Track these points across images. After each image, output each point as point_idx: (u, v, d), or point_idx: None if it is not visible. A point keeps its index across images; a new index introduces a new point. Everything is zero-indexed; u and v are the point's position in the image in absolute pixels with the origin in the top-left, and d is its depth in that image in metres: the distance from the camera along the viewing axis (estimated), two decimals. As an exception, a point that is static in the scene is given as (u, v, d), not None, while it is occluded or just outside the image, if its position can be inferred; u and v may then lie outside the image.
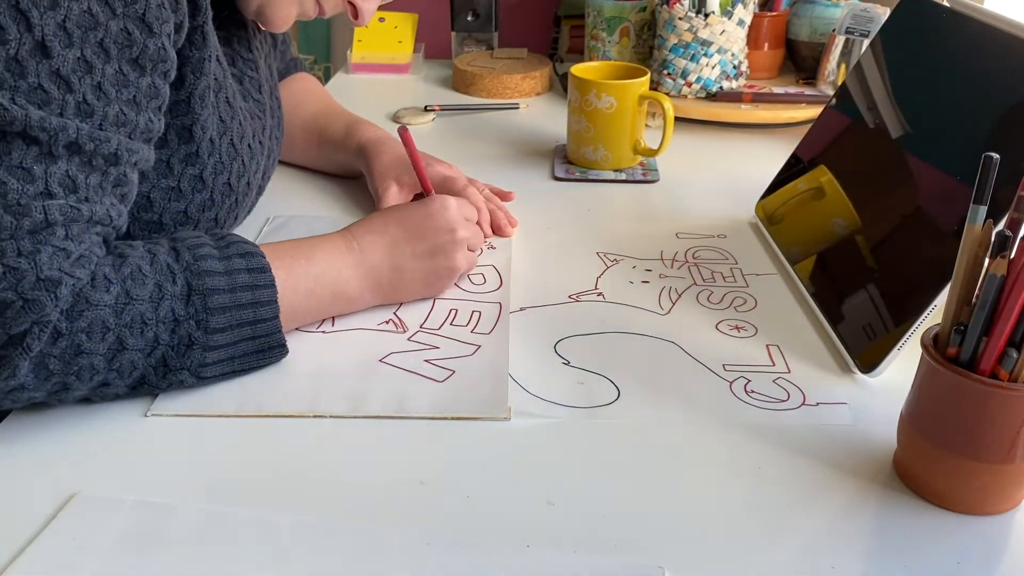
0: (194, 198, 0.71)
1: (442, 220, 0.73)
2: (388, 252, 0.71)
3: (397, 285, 0.72)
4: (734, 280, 0.79)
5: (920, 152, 0.72)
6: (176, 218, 0.71)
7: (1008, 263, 0.48)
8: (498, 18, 1.43)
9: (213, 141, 0.71)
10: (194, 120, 0.68)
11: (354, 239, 0.70)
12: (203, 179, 0.71)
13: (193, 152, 0.70)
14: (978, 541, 0.51)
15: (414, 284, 0.73)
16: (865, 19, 1.13)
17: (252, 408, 0.61)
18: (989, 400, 0.49)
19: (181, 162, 0.69)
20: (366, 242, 0.70)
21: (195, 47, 0.66)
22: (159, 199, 0.69)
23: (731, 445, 0.58)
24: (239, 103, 0.76)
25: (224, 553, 0.49)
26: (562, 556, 0.49)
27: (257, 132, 0.79)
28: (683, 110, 1.16)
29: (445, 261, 0.73)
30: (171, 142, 0.68)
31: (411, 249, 0.72)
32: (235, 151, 0.74)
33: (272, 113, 0.86)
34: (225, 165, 0.73)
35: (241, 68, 0.80)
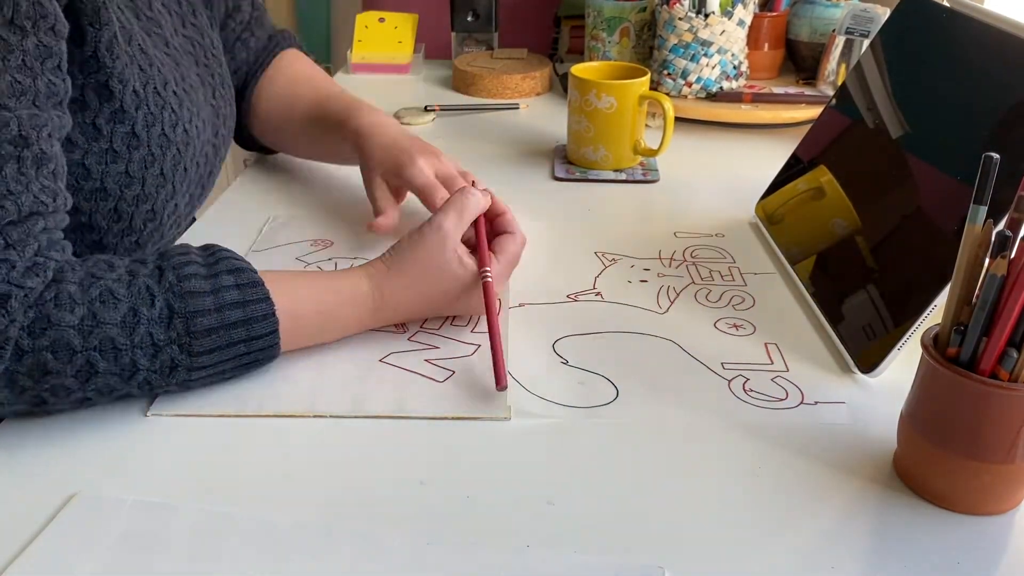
0: (132, 156, 0.69)
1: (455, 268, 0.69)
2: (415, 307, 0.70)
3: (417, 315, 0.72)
4: (732, 279, 0.79)
5: (920, 152, 0.72)
6: (119, 180, 0.69)
7: (1008, 263, 0.48)
8: (498, 18, 1.43)
9: (137, 92, 0.68)
10: (108, 75, 0.66)
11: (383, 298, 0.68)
12: (136, 134, 0.69)
13: (118, 108, 0.67)
14: (978, 541, 0.51)
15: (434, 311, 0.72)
16: (865, 19, 1.13)
17: (252, 408, 0.61)
18: (989, 400, 0.49)
19: (108, 121, 0.67)
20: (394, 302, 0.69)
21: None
22: (95, 164, 0.67)
23: (730, 444, 0.58)
24: (151, 50, 0.73)
25: (224, 553, 0.49)
26: (562, 556, 0.49)
27: (176, 79, 0.76)
28: (683, 110, 1.16)
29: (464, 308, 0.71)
30: (91, 102, 0.65)
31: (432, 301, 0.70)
32: (161, 99, 0.71)
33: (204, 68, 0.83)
34: (155, 116, 0.70)
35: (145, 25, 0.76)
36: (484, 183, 0.86)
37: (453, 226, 0.70)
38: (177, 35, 0.82)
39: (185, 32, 0.83)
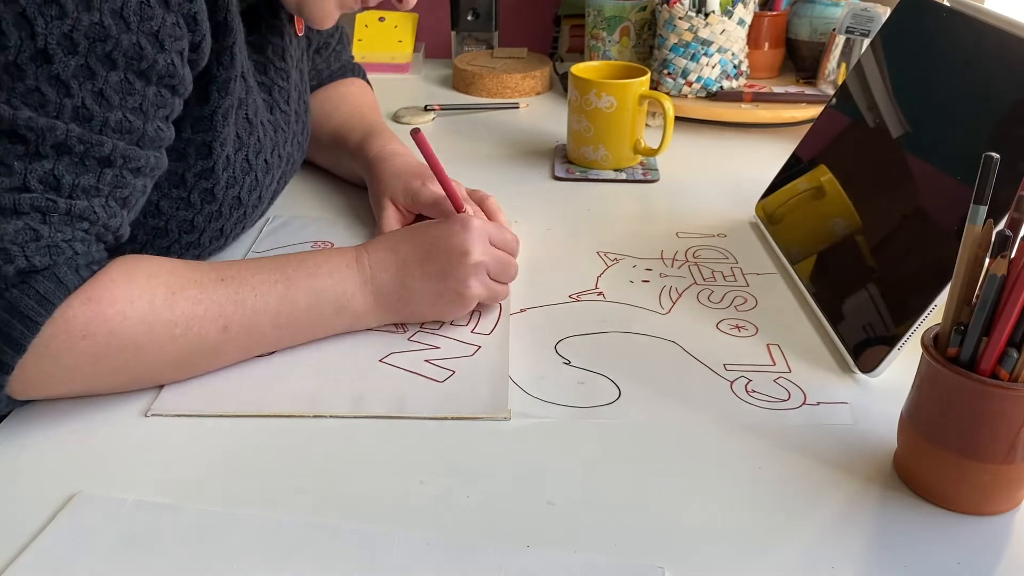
0: (203, 209, 0.72)
1: (456, 241, 0.68)
2: (397, 271, 0.68)
3: (405, 305, 0.69)
4: (734, 280, 0.79)
5: (920, 152, 0.72)
6: (182, 226, 0.72)
7: (1008, 263, 0.48)
8: (498, 18, 1.43)
9: (229, 157, 0.72)
10: (215, 137, 0.69)
11: (366, 255, 0.68)
12: (214, 193, 0.72)
13: (209, 168, 0.71)
14: (978, 541, 0.51)
15: (423, 305, 0.69)
16: (865, 19, 1.13)
17: (252, 408, 0.61)
18: (989, 400, 0.49)
19: (195, 176, 0.70)
20: (377, 259, 0.68)
21: (223, 67, 0.68)
22: (167, 207, 0.70)
23: (731, 445, 0.58)
24: (263, 116, 0.76)
25: (224, 553, 0.49)
26: (562, 556, 0.49)
27: (278, 146, 0.79)
28: (683, 110, 1.16)
29: (455, 284, 0.68)
30: (189, 156, 0.69)
31: (421, 270, 0.68)
32: (249, 167, 0.75)
33: (298, 119, 0.86)
34: (237, 180, 0.74)
35: (272, 77, 0.80)
36: (484, 184, 0.86)
37: (481, 225, 0.70)
38: (294, 91, 0.84)
39: (300, 87, 0.86)
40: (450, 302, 0.69)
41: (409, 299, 0.69)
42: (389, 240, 0.70)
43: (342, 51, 1.05)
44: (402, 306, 0.69)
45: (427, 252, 0.68)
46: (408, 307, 0.69)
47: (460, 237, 0.68)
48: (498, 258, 0.70)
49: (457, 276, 0.68)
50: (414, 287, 0.68)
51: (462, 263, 0.68)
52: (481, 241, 0.69)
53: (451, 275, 0.68)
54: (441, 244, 0.68)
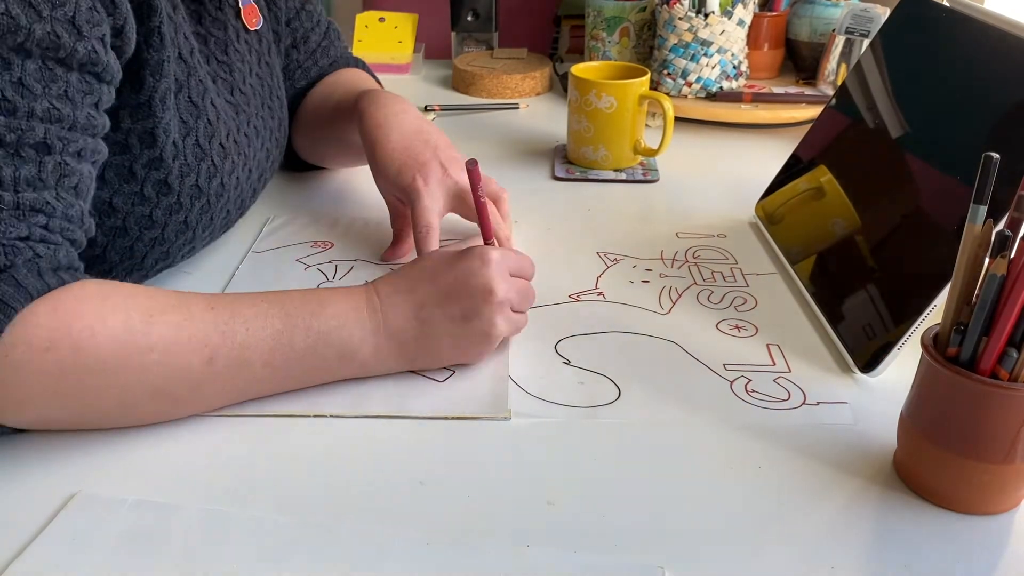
0: (160, 202, 0.69)
1: (480, 279, 0.63)
2: (415, 315, 0.62)
3: (425, 351, 0.64)
4: (734, 280, 0.79)
5: (920, 152, 0.72)
6: (141, 222, 0.69)
7: (1008, 263, 0.48)
8: (498, 18, 1.43)
9: (176, 143, 0.68)
10: (156, 123, 0.66)
11: (377, 298, 0.63)
12: (168, 183, 0.69)
13: (157, 156, 0.67)
14: (978, 541, 0.51)
15: (445, 350, 0.64)
16: (865, 19, 1.13)
17: (252, 408, 0.61)
18: (989, 400, 0.49)
19: (144, 167, 0.67)
20: (390, 303, 0.63)
21: (152, 48, 0.64)
22: (122, 204, 0.67)
23: (731, 445, 0.58)
24: (212, 98, 0.73)
25: (224, 553, 0.49)
26: (562, 556, 0.49)
27: (232, 132, 0.75)
28: (683, 110, 1.16)
29: (480, 325, 0.63)
30: (133, 147, 0.66)
31: (442, 312, 0.63)
32: (203, 152, 0.71)
33: (270, 112, 0.84)
34: (191, 167, 0.70)
35: (215, 69, 0.77)
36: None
37: (500, 256, 0.64)
38: (252, 75, 0.82)
39: (259, 71, 0.84)
40: (475, 344, 0.64)
41: (428, 345, 0.63)
42: (403, 280, 0.64)
43: (330, 47, 1.00)
44: (421, 352, 0.64)
45: (447, 293, 0.63)
46: (427, 353, 0.64)
47: (483, 275, 0.63)
48: (519, 289, 0.66)
49: (483, 316, 0.63)
50: (435, 332, 0.63)
51: (488, 302, 0.63)
52: (503, 276, 0.64)
53: (476, 316, 0.63)
54: (463, 283, 0.63)
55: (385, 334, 0.62)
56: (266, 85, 0.85)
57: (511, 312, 0.65)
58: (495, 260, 0.64)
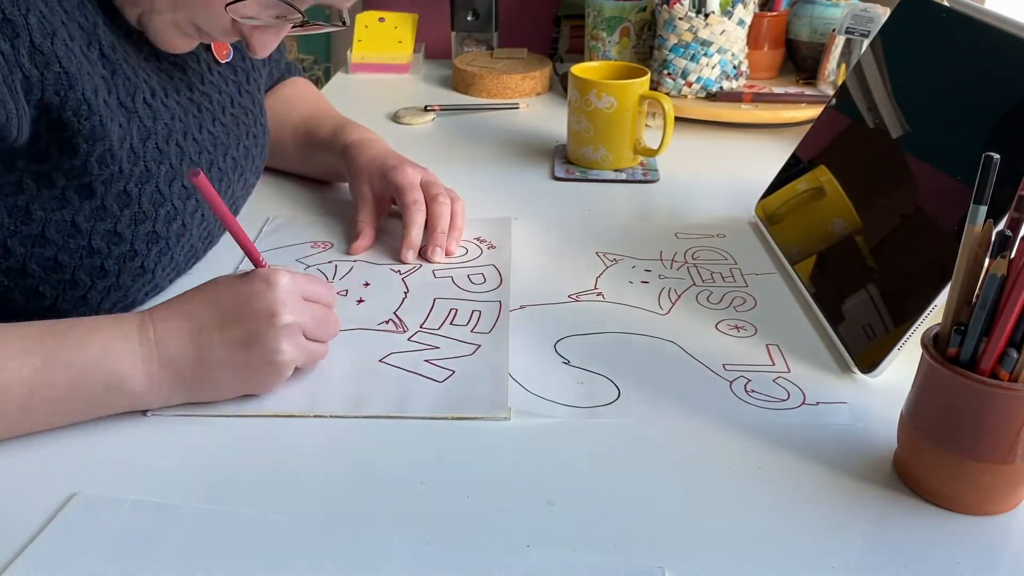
0: (111, 252, 0.67)
1: (263, 301, 0.59)
2: (191, 340, 0.59)
3: (205, 380, 0.60)
4: (734, 280, 0.79)
5: (920, 152, 0.72)
6: (93, 273, 0.67)
7: (1008, 263, 0.48)
8: (498, 18, 1.43)
9: (129, 192, 0.66)
10: (93, 179, 0.64)
11: (151, 324, 0.59)
12: (118, 232, 0.67)
13: (99, 206, 0.65)
14: (978, 541, 0.51)
15: (227, 379, 0.60)
16: (865, 19, 1.13)
17: (252, 408, 0.61)
18: (989, 400, 0.49)
19: (88, 219, 0.65)
20: (166, 328, 0.59)
21: (82, 118, 0.62)
22: (68, 260, 0.65)
23: (731, 445, 0.58)
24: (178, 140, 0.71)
25: (224, 553, 0.49)
26: (562, 556, 0.49)
27: (203, 167, 0.74)
28: (683, 110, 1.16)
29: (263, 351, 0.59)
30: (71, 201, 0.64)
31: (220, 336, 0.59)
32: (162, 197, 0.69)
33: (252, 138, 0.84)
34: (147, 214, 0.68)
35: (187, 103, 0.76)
36: (484, 185, 0.86)
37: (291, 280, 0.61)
38: (234, 105, 0.82)
39: (241, 100, 0.83)
40: (259, 371, 0.60)
41: (207, 373, 0.59)
42: (182, 304, 0.61)
43: (280, 57, 1.03)
44: (199, 381, 0.60)
45: (228, 315, 0.59)
46: (208, 382, 0.60)
47: (266, 297, 0.59)
48: (313, 315, 0.62)
49: (265, 341, 0.59)
50: (213, 358, 0.59)
51: (271, 326, 0.59)
52: (291, 298, 0.60)
53: (258, 341, 0.59)
54: (243, 306, 0.59)
55: (159, 362, 0.58)
56: (249, 114, 0.85)
57: (304, 339, 0.61)
58: (282, 283, 0.60)
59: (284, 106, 1.01)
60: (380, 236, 0.86)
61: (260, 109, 0.88)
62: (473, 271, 0.80)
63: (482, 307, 0.74)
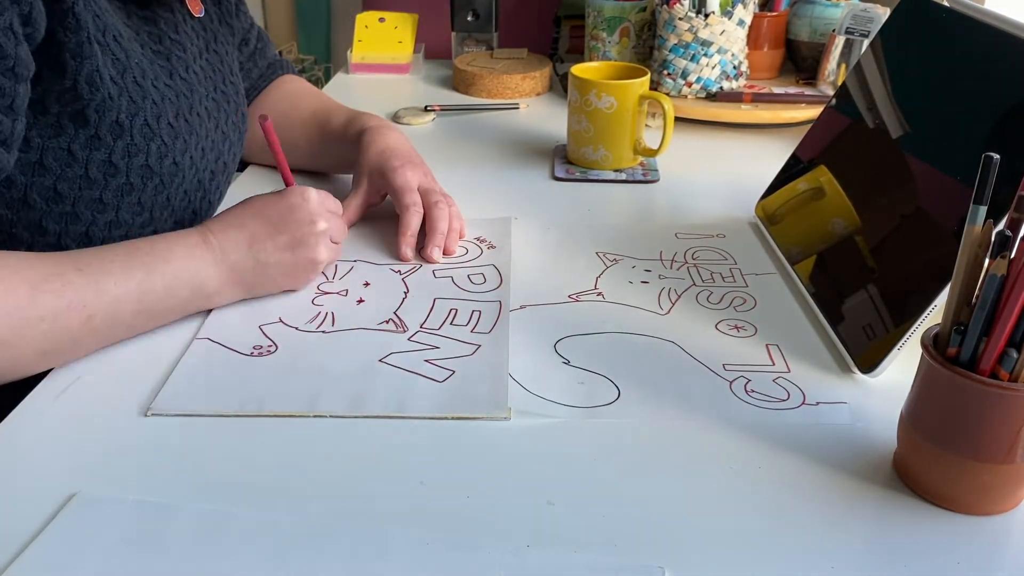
0: (108, 183, 0.71)
1: (303, 212, 0.73)
2: (249, 247, 0.71)
3: (260, 279, 0.72)
4: (733, 280, 0.79)
5: (920, 152, 0.72)
6: (92, 206, 0.71)
7: (1008, 263, 0.48)
8: (498, 18, 1.43)
9: (121, 123, 0.69)
10: (85, 104, 0.67)
11: (212, 235, 0.70)
12: (113, 163, 0.70)
13: (92, 135, 0.68)
14: (978, 541, 0.51)
15: (278, 277, 0.73)
16: (865, 19, 1.13)
17: (252, 408, 0.61)
18: (989, 400, 0.49)
19: (84, 148, 0.68)
20: (225, 237, 0.70)
21: (68, 30, 0.65)
22: (67, 190, 0.69)
23: (731, 445, 0.58)
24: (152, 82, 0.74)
25: (224, 553, 0.49)
26: (562, 556, 0.49)
27: (183, 111, 0.77)
28: (683, 110, 1.16)
29: (307, 253, 0.73)
30: (66, 128, 0.67)
31: (272, 243, 0.71)
32: (151, 131, 0.72)
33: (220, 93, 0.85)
34: (139, 147, 0.71)
35: (168, 47, 0.78)
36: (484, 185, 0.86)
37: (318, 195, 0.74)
38: (201, 58, 0.83)
39: (208, 56, 0.85)
40: (304, 270, 0.74)
41: (264, 272, 0.72)
42: (233, 217, 0.72)
43: (265, 49, 1.05)
44: (257, 280, 0.72)
45: (276, 225, 0.72)
46: (263, 280, 0.72)
47: (305, 208, 0.73)
48: (335, 223, 0.76)
49: (308, 244, 0.73)
50: (268, 260, 0.71)
51: (312, 231, 0.73)
52: (323, 209, 0.74)
53: (303, 244, 0.72)
54: (288, 216, 0.72)
55: (226, 266, 0.70)
56: (217, 71, 0.86)
57: (331, 242, 0.75)
58: (314, 196, 0.74)
59: (288, 101, 1.02)
60: (380, 236, 0.86)
61: (230, 70, 0.89)
62: (473, 271, 0.80)
63: (482, 307, 0.74)
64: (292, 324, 0.71)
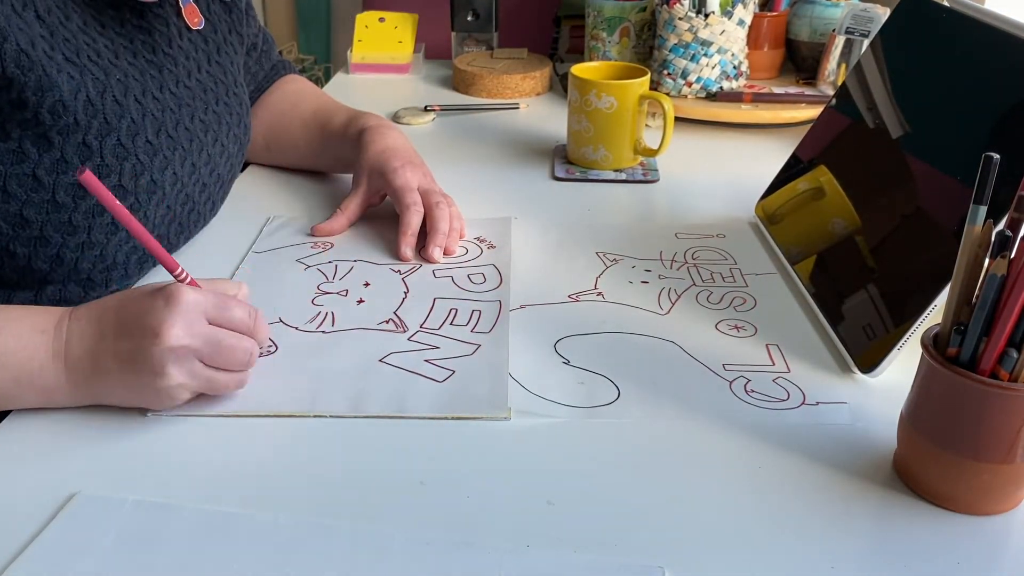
0: (77, 206, 0.68)
1: (153, 318, 0.56)
2: (93, 346, 0.58)
3: (98, 387, 0.59)
4: (733, 280, 0.79)
5: (920, 152, 0.72)
6: (62, 228, 0.68)
7: (1008, 263, 0.48)
8: (498, 18, 1.43)
9: (89, 144, 0.67)
10: (47, 129, 0.65)
11: (68, 321, 0.59)
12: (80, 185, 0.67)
13: (59, 159, 0.66)
14: (978, 541, 0.51)
15: (119, 391, 0.59)
16: (865, 19, 1.13)
17: (252, 408, 0.61)
18: (989, 400, 0.49)
19: (50, 172, 0.66)
20: (76, 328, 0.58)
21: (23, 69, 0.63)
22: (34, 215, 0.66)
23: (731, 445, 0.58)
24: (137, 96, 0.72)
25: (224, 553, 0.49)
26: (562, 556, 0.49)
27: (167, 126, 0.74)
28: (683, 110, 1.16)
29: (148, 371, 0.57)
30: (30, 154, 0.65)
31: (114, 347, 0.57)
32: (124, 150, 0.69)
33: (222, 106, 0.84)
34: (111, 167, 0.68)
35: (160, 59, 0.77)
36: (484, 185, 0.86)
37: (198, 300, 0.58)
38: (200, 71, 0.82)
39: (209, 69, 0.84)
40: (147, 389, 0.58)
41: (101, 380, 0.58)
42: (100, 304, 0.60)
43: (270, 50, 1.05)
44: (95, 387, 0.59)
45: (122, 327, 0.58)
46: (102, 389, 0.59)
47: (159, 314, 0.56)
48: (211, 340, 0.58)
49: (150, 361, 0.56)
50: (107, 368, 0.58)
51: (156, 344, 0.56)
52: (187, 320, 0.56)
53: (142, 359, 0.56)
54: (136, 320, 0.57)
55: (64, 362, 0.58)
56: (220, 83, 0.85)
57: (200, 365, 0.58)
58: (184, 300, 0.57)
59: (288, 101, 1.02)
60: (380, 236, 0.86)
61: (234, 81, 0.88)
62: (473, 271, 0.80)
63: (482, 307, 0.74)
64: (292, 324, 0.71)
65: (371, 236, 0.87)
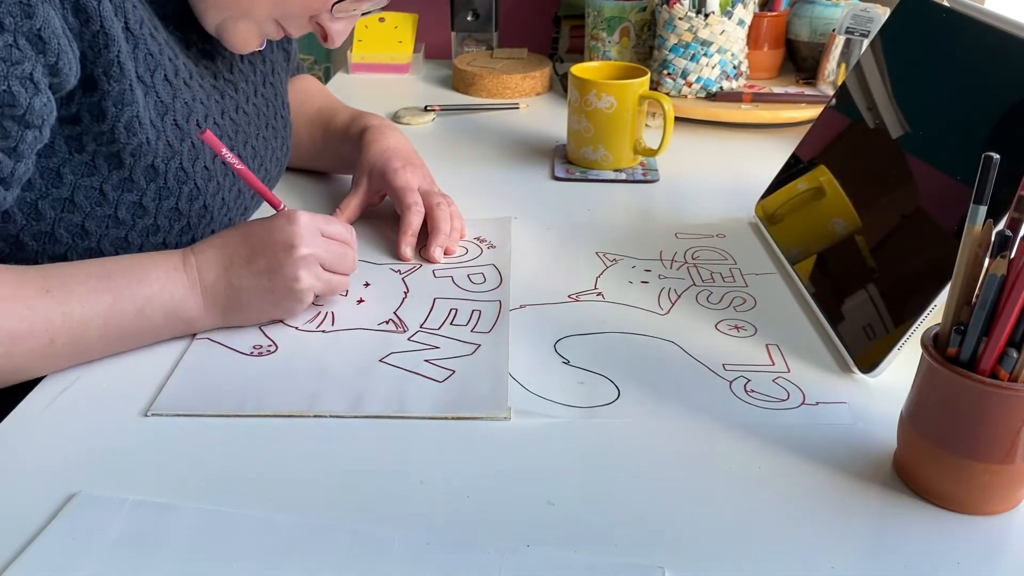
0: (135, 224, 0.70)
1: (282, 235, 0.67)
2: (225, 270, 0.67)
3: (235, 306, 0.68)
4: (733, 280, 0.79)
5: (920, 152, 0.72)
6: (117, 244, 0.70)
7: (1008, 263, 0.48)
8: (498, 18, 1.43)
9: (156, 167, 0.69)
10: (121, 147, 0.67)
11: (192, 257, 0.67)
12: (143, 205, 0.70)
13: (127, 178, 0.68)
14: (978, 541, 0.51)
15: (255, 304, 0.68)
16: (865, 19, 1.13)
17: (252, 408, 0.61)
18: (989, 400, 0.49)
19: (115, 189, 0.68)
20: (203, 259, 0.67)
21: (112, 79, 0.64)
22: (95, 228, 0.69)
23: (731, 445, 0.58)
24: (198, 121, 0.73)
25: (224, 553, 0.49)
26: (562, 556, 0.49)
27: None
28: (683, 110, 1.16)
29: (283, 280, 0.67)
30: (100, 168, 0.67)
31: (248, 268, 0.67)
32: (185, 175, 0.71)
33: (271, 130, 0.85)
34: (172, 191, 0.71)
35: (221, 86, 0.78)
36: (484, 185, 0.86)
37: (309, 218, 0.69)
38: (256, 95, 0.83)
39: (264, 92, 0.85)
40: (282, 298, 0.68)
41: (239, 299, 0.67)
42: (217, 239, 0.69)
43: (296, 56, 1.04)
44: (234, 308, 0.68)
45: (253, 249, 0.67)
46: (240, 308, 0.68)
47: (286, 231, 0.67)
48: (330, 248, 0.69)
49: (285, 270, 0.67)
50: (243, 286, 0.67)
51: (289, 256, 0.67)
52: (309, 233, 0.68)
53: (279, 270, 0.67)
54: (266, 240, 0.67)
55: (200, 290, 0.66)
56: (271, 106, 0.86)
57: (321, 270, 0.68)
58: (302, 219, 0.68)
59: (295, 100, 1.01)
60: (380, 236, 0.86)
61: (282, 103, 0.89)
62: (473, 271, 0.80)
63: (482, 307, 0.74)
64: (292, 324, 0.71)
65: (371, 236, 0.87)
